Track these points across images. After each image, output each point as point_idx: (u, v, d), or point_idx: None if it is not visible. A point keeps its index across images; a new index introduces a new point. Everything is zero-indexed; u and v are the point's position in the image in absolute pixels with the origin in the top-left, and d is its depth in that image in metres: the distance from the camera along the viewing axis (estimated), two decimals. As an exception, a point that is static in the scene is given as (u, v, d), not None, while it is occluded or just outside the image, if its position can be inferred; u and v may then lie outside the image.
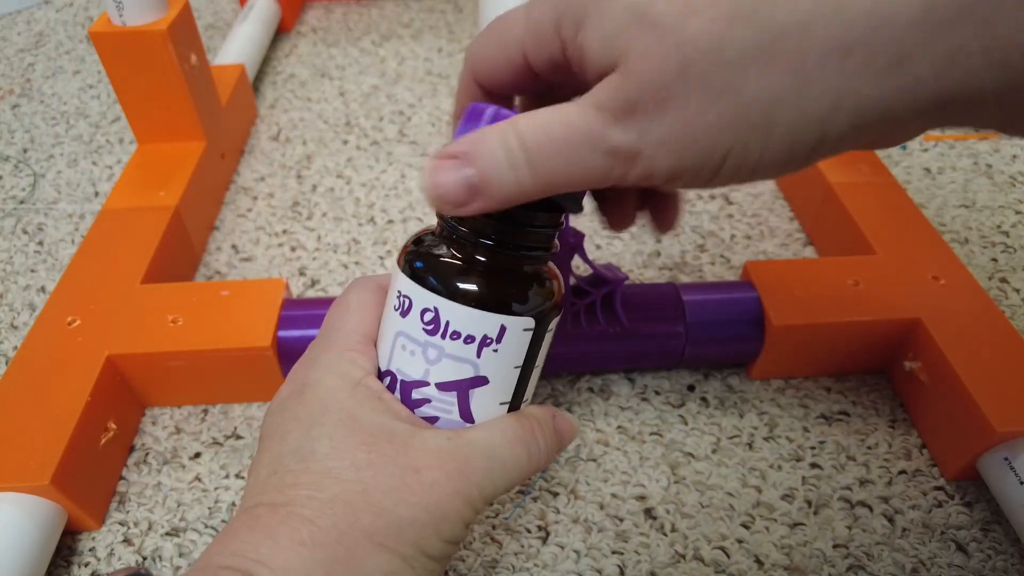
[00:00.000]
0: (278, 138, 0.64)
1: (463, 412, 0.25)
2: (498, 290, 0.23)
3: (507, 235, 0.23)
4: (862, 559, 0.34)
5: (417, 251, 0.24)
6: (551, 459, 0.26)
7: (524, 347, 0.24)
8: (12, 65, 0.75)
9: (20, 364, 0.37)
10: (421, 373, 0.24)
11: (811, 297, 0.40)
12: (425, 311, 0.23)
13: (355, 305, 0.26)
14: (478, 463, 0.23)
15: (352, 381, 0.24)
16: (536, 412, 0.26)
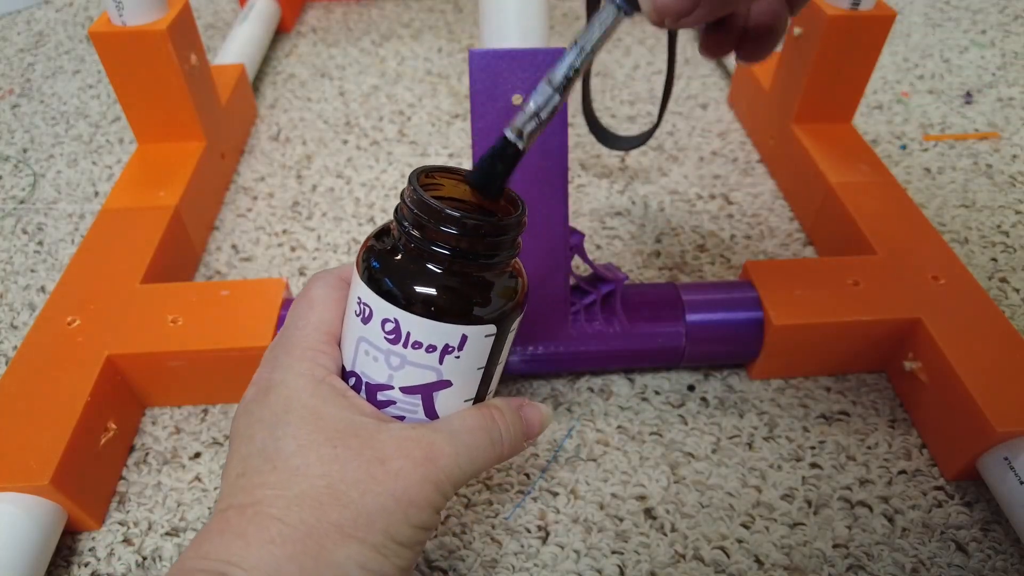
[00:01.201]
0: (278, 138, 0.64)
1: (428, 411, 0.25)
2: (459, 300, 0.23)
3: (467, 245, 0.23)
4: (862, 559, 0.34)
5: (376, 259, 0.24)
6: (517, 445, 0.27)
7: (486, 350, 0.24)
8: (12, 65, 0.75)
9: (20, 364, 0.37)
10: (385, 378, 0.24)
11: (811, 297, 0.40)
12: (386, 321, 0.23)
13: (317, 301, 0.26)
14: (443, 449, 0.24)
15: (315, 380, 0.24)
16: (498, 402, 0.27)
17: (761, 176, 0.58)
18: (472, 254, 0.23)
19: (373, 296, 0.23)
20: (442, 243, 0.23)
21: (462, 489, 0.37)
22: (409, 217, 0.23)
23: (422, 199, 0.22)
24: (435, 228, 0.22)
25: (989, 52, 0.74)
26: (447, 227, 0.22)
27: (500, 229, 0.23)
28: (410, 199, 0.23)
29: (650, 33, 0.79)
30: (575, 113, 0.60)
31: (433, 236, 0.23)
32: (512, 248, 0.24)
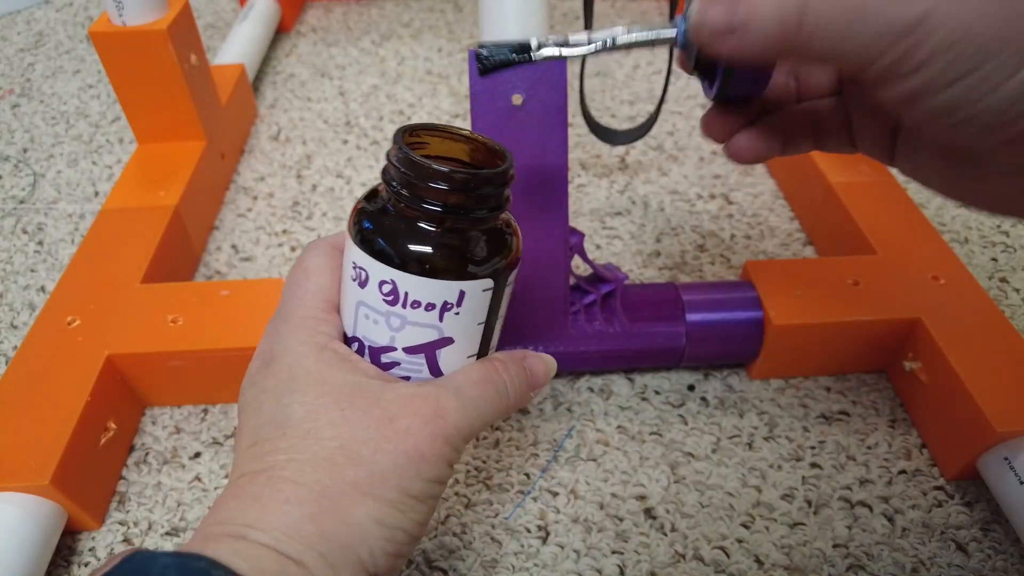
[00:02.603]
0: (278, 138, 0.64)
1: (432, 370, 0.25)
2: (454, 257, 0.23)
3: (457, 200, 0.23)
4: (862, 559, 0.34)
5: (368, 221, 0.24)
6: (523, 396, 0.27)
7: (485, 305, 0.25)
8: (12, 65, 0.75)
9: (20, 364, 0.37)
10: (387, 340, 0.24)
11: (811, 297, 0.40)
12: (383, 283, 0.23)
13: (313, 270, 0.26)
14: (450, 404, 0.24)
15: (318, 347, 0.24)
16: (501, 355, 0.27)
17: (761, 176, 0.58)
18: (463, 208, 0.23)
19: (368, 259, 0.23)
20: (432, 200, 0.23)
21: (462, 489, 0.37)
22: (397, 176, 0.23)
23: (408, 157, 0.22)
24: (424, 185, 0.22)
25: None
26: (436, 183, 0.22)
27: (488, 181, 0.23)
28: (396, 158, 0.23)
29: (650, 33, 0.79)
30: (575, 113, 0.60)
31: (422, 193, 0.23)
32: (501, 200, 0.24)
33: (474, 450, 0.39)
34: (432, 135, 0.25)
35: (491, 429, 0.40)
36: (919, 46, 0.19)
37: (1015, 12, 0.17)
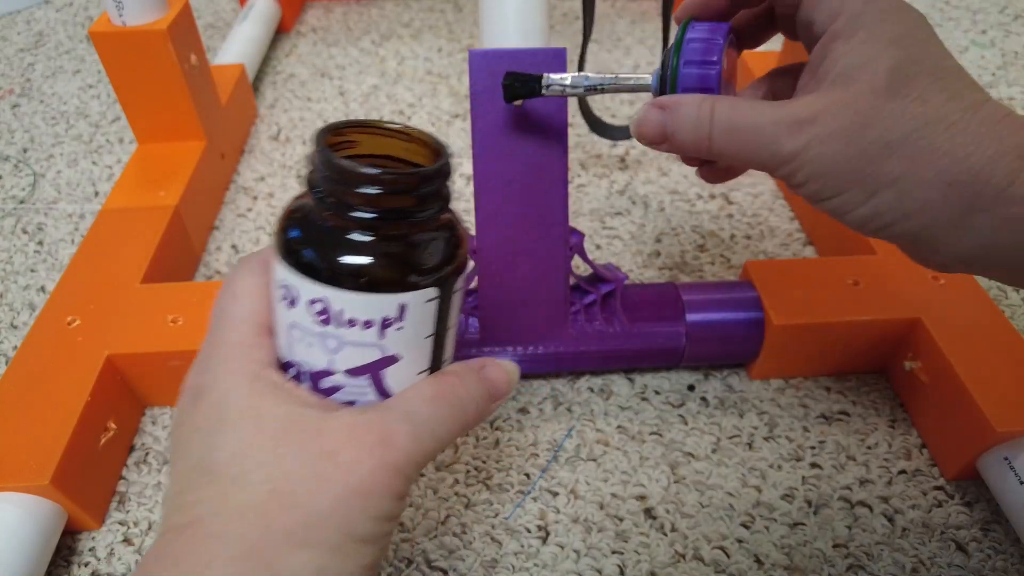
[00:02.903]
0: (278, 138, 0.64)
1: (379, 391, 0.23)
2: (391, 268, 0.21)
3: (391, 204, 0.21)
4: (862, 559, 0.34)
5: (292, 236, 0.22)
6: (483, 409, 0.25)
7: (432, 316, 0.23)
8: (12, 65, 0.75)
9: (20, 364, 0.37)
10: (325, 363, 0.22)
11: (811, 297, 0.40)
12: (313, 302, 0.21)
13: (242, 291, 0.24)
14: (398, 429, 0.22)
15: (250, 376, 0.22)
16: (456, 367, 0.25)
17: (761, 176, 0.58)
18: (398, 213, 0.21)
19: (295, 277, 0.21)
20: (361, 206, 0.21)
21: (462, 489, 0.37)
22: (320, 182, 0.21)
23: (331, 160, 0.20)
24: (350, 191, 0.20)
25: (989, 52, 0.74)
26: (363, 187, 0.20)
27: (424, 180, 0.21)
28: (318, 162, 0.21)
29: (650, 33, 0.79)
30: (575, 113, 0.60)
31: (350, 200, 0.21)
32: (440, 200, 0.22)
33: (474, 450, 0.39)
34: (359, 132, 0.23)
35: (491, 429, 0.40)
36: (797, 171, 0.24)
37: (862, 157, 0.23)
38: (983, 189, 0.22)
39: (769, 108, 0.24)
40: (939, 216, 0.22)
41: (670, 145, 0.27)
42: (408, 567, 0.34)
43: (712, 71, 0.26)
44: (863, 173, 0.23)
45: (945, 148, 0.22)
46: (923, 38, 0.23)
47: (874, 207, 0.23)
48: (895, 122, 0.22)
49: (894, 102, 0.23)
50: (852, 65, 0.23)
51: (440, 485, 0.37)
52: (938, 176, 0.22)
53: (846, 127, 0.23)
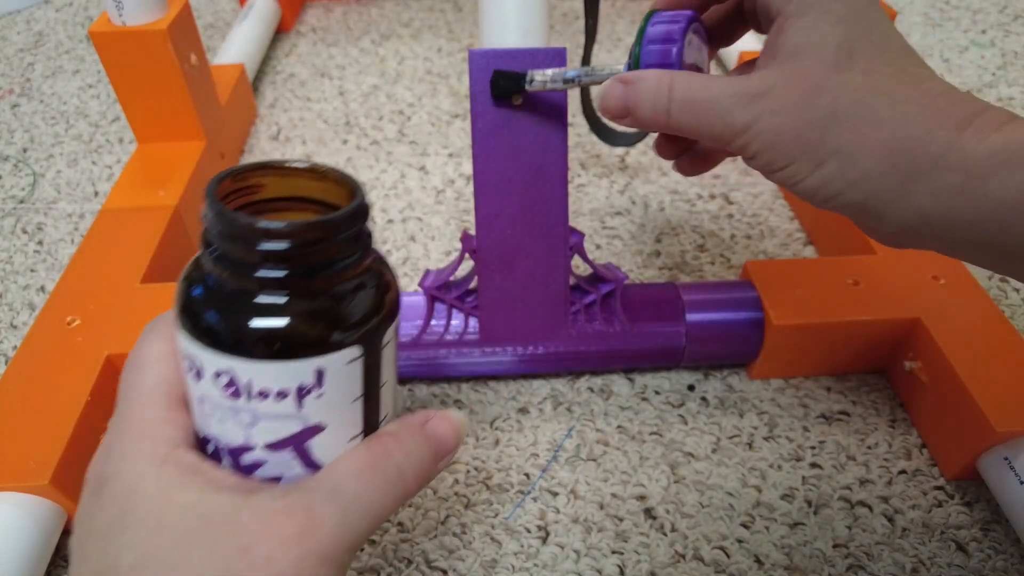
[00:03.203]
0: (278, 138, 0.64)
1: (306, 464, 0.21)
2: (300, 330, 0.19)
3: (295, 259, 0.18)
4: (862, 559, 0.34)
5: (190, 301, 0.19)
6: (427, 471, 0.23)
7: (358, 377, 0.20)
8: (12, 65, 0.75)
9: (19, 364, 0.37)
10: (242, 439, 0.20)
11: (811, 297, 0.40)
12: (219, 374, 0.19)
13: (150, 360, 0.21)
14: (323, 512, 0.19)
15: (157, 461, 0.20)
16: (393, 427, 0.23)
17: (761, 176, 0.58)
18: (306, 269, 0.19)
19: (196, 346, 0.19)
20: (263, 264, 0.18)
21: (461, 489, 0.37)
22: (214, 240, 0.19)
23: (225, 215, 0.18)
24: (248, 248, 0.18)
25: (989, 52, 0.74)
26: (265, 243, 0.18)
27: (334, 227, 0.19)
28: (211, 217, 0.18)
29: (650, 33, 0.79)
30: (575, 113, 0.60)
31: (248, 258, 0.18)
32: (359, 246, 0.20)
33: (474, 450, 0.39)
34: (262, 175, 0.21)
35: (491, 429, 0.40)
36: (750, 143, 0.25)
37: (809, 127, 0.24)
38: (921, 157, 0.22)
39: (724, 82, 0.25)
40: (881, 184, 0.23)
41: (632, 119, 0.28)
42: (408, 567, 0.34)
43: (672, 47, 0.27)
44: (810, 143, 0.24)
45: (887, 117, 0.23)
46: (871, 17, 0.24)
47: (821, 177, 0.24)
48: (841, 93, 0.23)
49: (840, 74, 0.23)
50: (802, 42, 0.24)
51: (440, 485, 0.37)
52: (880, 145, 0.23)
53: (795, 99, 0.24)
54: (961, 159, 0.22)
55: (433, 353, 0.40)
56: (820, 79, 0.24)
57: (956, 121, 0.22)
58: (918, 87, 0.23)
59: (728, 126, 0.25)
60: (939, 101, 0.23)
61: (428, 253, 0.51)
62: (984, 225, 0.22)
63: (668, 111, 0.26)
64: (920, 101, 0.23)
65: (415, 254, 0.51)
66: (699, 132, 0.26)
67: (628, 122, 0.28)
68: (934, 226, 0.23)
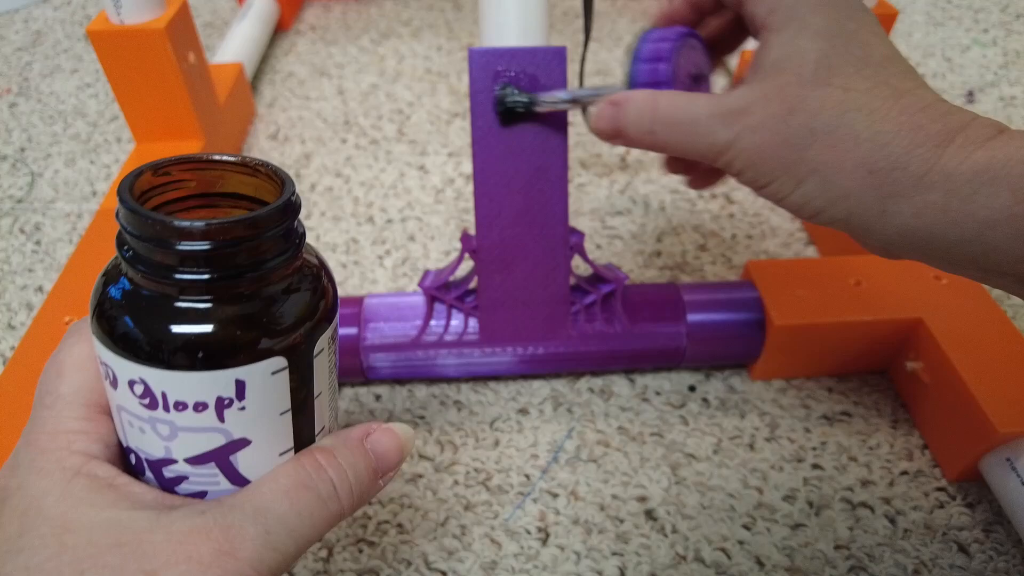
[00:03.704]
0: (276, 137, 0.63)
1: (232, 479, 0.20)
2: (216, 339, 0.17)
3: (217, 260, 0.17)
4: (864, 560, 0.34)
5: (104, 306, 0.18)
6: (366, 489, 0.21)
7: (284, 390, 0.19)
8: (10, 64, 0.75)
9: (18, 364, 0.37)
10: (162, 451, 0.19)
11: (812, 297, 0.40)
12: (133, 383, 0.18)
13: (69, 365, 0.20)
14: (245, 533, 0.18)
15: (66, 475, 0.18)
16: (329, 441, 0.21)
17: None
18: (228, 271, 0.17)
19: (110, 354, 0.18)
20: (180, 267, 0.17)
21: (461, 490, 0.37)
22: (129, 241, 0.17)
23: (135, 212, 0.17)
24: (162, 249, 0.17)
25: (991, 51, 0.74)
26: (183, 243, 0.17)
27: (258, 226, 0.17)
28: (125, 217, 0.17)
29: (650, 31, 0.79)
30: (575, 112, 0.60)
31: (163, 260, 0.17)
32: (288, 245, 0.18)
33: (474, 451, 0.39)
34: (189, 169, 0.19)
35: (490, 430, 0.40)
36: (733, 161, 0.25)
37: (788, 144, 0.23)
38: (901, 177, 0.22)
39: (707, 100, 0.25)
40: (861, 203, 0.23)
41: (623, 140, 0.28)
42: (407, 569, 0.34)
43: (662, 66, 0.27)
44: (790, 160, 0.24)
45: (865, 135, 0.22)
46: (853, 28, 0.24)
47: (803, 194, 0.24)
48: (818, 109, 0.23)
49: (818, 90, 0.23)
50: (781, 56, 0.24)
51: (439, 486, 0.37)
52: (859, 164, 0.22)
53: (774, 116, 0.24)
54: (943, 178, 0.21)
55: (433, 353, 0.40)
56: (798, 95, 0.23)
57: (937, 138, 0.22)
58: (898, 102, 0.23)
59: (711, 145, 0.25)
60: (920, 117, 0.22)
61: (428, 253, 0.51)
62: (968, 244, 0.22)
63: (652, 131, 0.26)
64: (899, 118, 0.22)
65: (415, 254, 0.51)
66: (684, 150, 0.26)
67: (619, 142, 0.28)
68: (918, 243, 0.23)
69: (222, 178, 0.20)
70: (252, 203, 0.20)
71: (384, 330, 0.40)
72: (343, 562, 0.34)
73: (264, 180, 0.20)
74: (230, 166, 0.20)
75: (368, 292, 0.47)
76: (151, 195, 0.19)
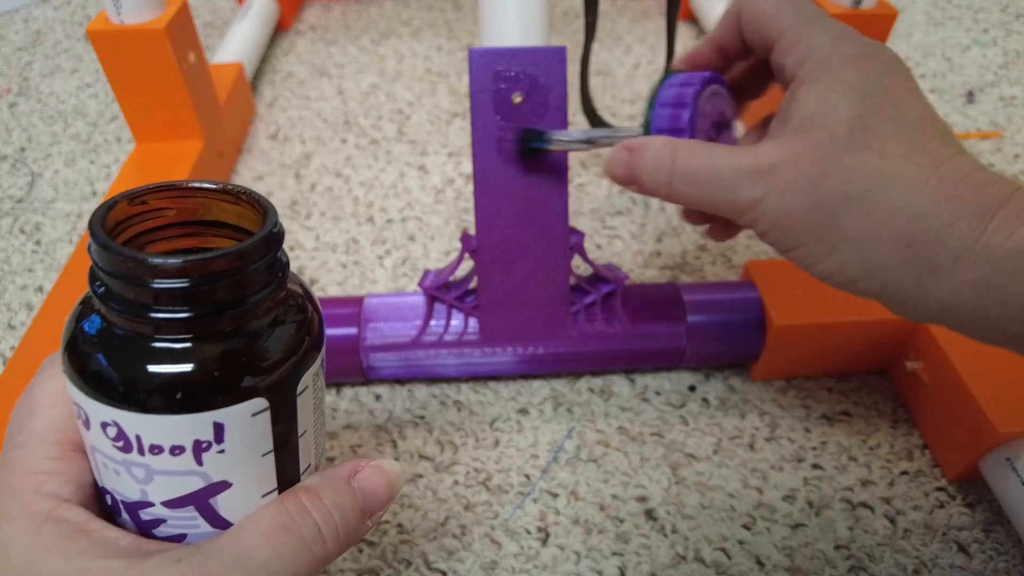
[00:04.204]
0: (276, 137, 0.63)
1: (213, 521, 0.19)
2: (195, 382, 0.17)
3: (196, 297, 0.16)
4: (864, 560, 0.34)
5: (74, 345, 0.17)
6: (353, 531, 0.20)
7: (265, 431, 0.18)
8: (10, 64, 0.75)
9: (18, 364, 0.37)
10: (138, 494, 0.18)
11: (812, 297, 0.40)
12: (105, 425, 0.17)
13: (44, 401, 0.19)
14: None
15: (36, 519, 0.17)
16: (313, 482, 0.20)
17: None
18: (207, 308, 0.16)
19: (81, 394, 0.17)
20: (156, 305, 0.16)
21: (461, 490, 0.37)
22: (101, 278, 0.17)
23: (107, 248, 0.16)
24: (139, 286, 0.16)
25: (991, 51, 0.74)
26: (159, 281, 0.16)
27: (243, 258, 0.16)
28: (95, 252, 0.16)
29: (650, 31, 0.79)
30: (575, 112, 0.60)
31: (140, 299, 0.16)
32: (271, 278, 0.18)
33: (473, 451, 0.39)
34: (161, 197, 0.19)
35: (490, 430, 0.40)
36: (758, 220, 0.24)
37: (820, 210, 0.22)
38: (940, 252, 0.21)
39: (730, 154, 0.24)
40: (898, 276, 0.22)
41: (638, 188, 0.27)
42: (407, 569, 0.34)
43: (683, 112, 0.26)
44: (821, 227, 0.23)
45: (902, 206, 0.21)
46: (887, 85, 0.23)
47: (836, 262, 0.23)
48: (853, 175, 0.22)
49: (853, 154, 0.22)
50: (814, 113, 0.23)
51: (439, 486, 0.37)
52: (895, 236, 0.22)
53: (804, 178, 0.22)
54: (985, 256, 0.20)
55: (433, 353, 0.40)
56: (831, 158, 0.22)
57: (978, 212, 0.21)
58: (936, 171, 0.21)
59: (732, 202, 0.24)
60: (959, 188, 0.21)
61: (428, 253, 0.51)
62: (1010, 322, 0.21)
63: (670, 183, 0.25)
64: (938, 188, 0.21)
65: (415, 254, 0.51)
66: (704, 205, 0.25)
67: (634, 189, 0.27)
68: (956, 318, 0.22)
69: (203, 206, 0.19)
70: (234, 231, 0.20)
71: (384, 330, 0.40)
72: (343, 562, 0.34)
73: (246, 208, 0.19)
74: (211, 193, 0.19)
75: (368, 292, 0.47)
76: (127, 224, 0.18)
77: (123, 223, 0.18)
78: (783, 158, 0.23)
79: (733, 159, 0.24)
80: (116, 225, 0.18)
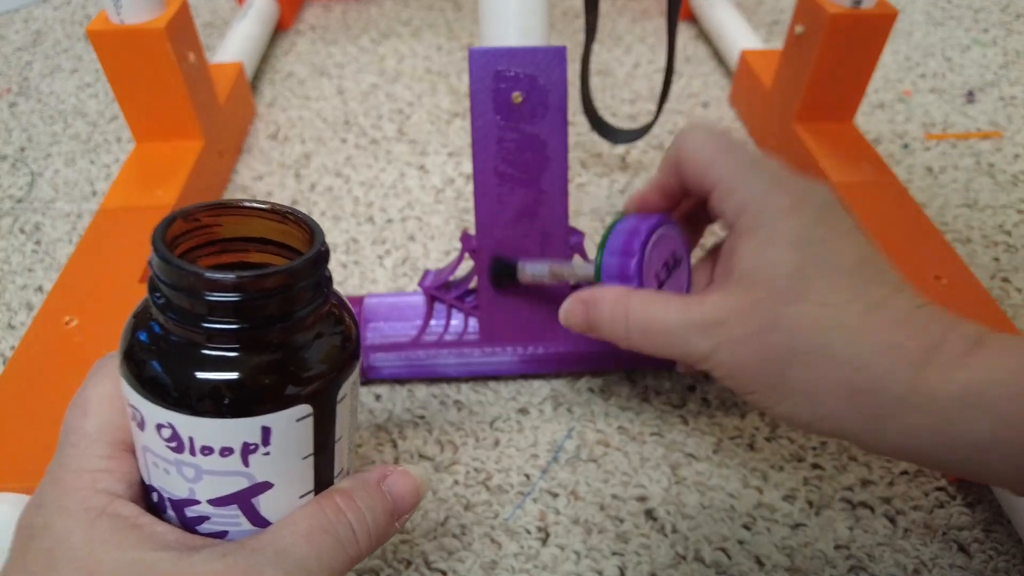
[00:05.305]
0: (276, 137, 0.63)
1: (254, 520, 0.20)
2: (245, 388, 0.18)
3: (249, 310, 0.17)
4: (863, 560, 0.34)
5: (133, 351, 0.19)
6: (383, 531, 0.21)
7: (306, 435, 0.19)
8: (9, 63, 0.75)
9: (17, 364, 0.37)
10: (186, 492, 0.19)
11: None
12: (160, 427, 0.18)
13: (95, 403, 0.20)
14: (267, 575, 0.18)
15: (91, 514, 0.19)
16: (347, 484, 0.22)
17: (762, 175, 0.58)
18: (253, 322, 0.18)
19: (138, 397, 0.18)
20: (210, 316, 0.17)
21: (461, 490, 0.37)
22: (161, 289, 0.18)
23: (168, 262, 0.17)
24: (194, 299, 0.17)
25: (991, 51, 0.74)
26: (213, 294, 0.17)
27: (291, 278, 0.18)
28: (157, 266, 0.18)
29: (650, 31, 0.79)
30: (575, 112, 0.60)
31: (195, 310, 0.17)
32: (317, 295, 0.19)
33: (473, 451, 0.39)
34: (219, 215, 0.20)
35: (490, 430, 0.40)
36: (714, 369, 0.25)
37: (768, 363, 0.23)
38: (884, 399, 0.22)
39: (680, 307, 0.25)
40: (848, 422, 0.23)
41: (595, 335, 0.28)
42: (407, 569, 0.34)
43: (631, 260, 0.27)
44: (772, 378, 0.23)
45: (845, 357, 0.22)
46: (822, 234, 0.24)
47: (789, 409, 0.24)
48: (796, 328, 0.23)
49: (794, 306, 0.23)
50: (755, 267, 0.24)
51: (439, 486, 0.37)
52: (840, 386, 0.22)
53: (751, 333, 0.23)
54: (926, 401, 0.21)
55: (433, 353, 0.40)
56: (774, 311, 0.23)
57: (914, 356, 0.22)
58: (875, 316, 0.22)
59: (688, 354, 0.25)
60: (896, 334, 0.22)
61: (428, 253, 0.51)
62: (961, 463, 0.22)
63: (627, 336, 0.26)
64: (876, 336, 0.22)
65: (415, 254, 0.51)
66: (660, 355, 0.26)
67: (592, 337, 0.28)
68: (914, 458, 0.23)
69: (250, 224, 0.21)
70: (279, 247, 0.21)
71: (384, 330, 0.40)
72: (343, 562, 0.34)
73: (292, 227, 0.20)
74: (259, 212, 0.20)
75: (368, 292, 0.47)
76: (180, 241, 0.19)
77: (177, 239, 0.19)
78: (729, 312, 0.24)
79: (684, 312, 0.25)
80: (173, 240, 0.19)
